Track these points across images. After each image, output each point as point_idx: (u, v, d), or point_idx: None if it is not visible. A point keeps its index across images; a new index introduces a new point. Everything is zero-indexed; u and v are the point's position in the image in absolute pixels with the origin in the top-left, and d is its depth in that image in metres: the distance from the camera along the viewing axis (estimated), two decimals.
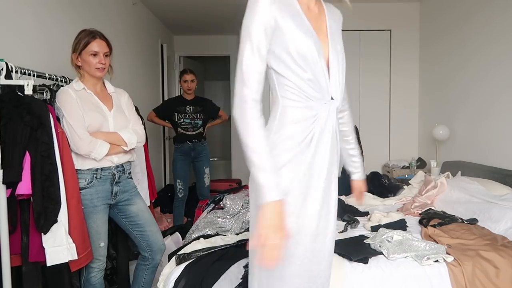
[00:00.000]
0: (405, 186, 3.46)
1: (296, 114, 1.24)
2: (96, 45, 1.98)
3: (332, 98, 1.26)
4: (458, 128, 3.73)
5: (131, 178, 2.20)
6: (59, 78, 2.13)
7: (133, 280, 2.25)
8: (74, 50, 2.00)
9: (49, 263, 1.73)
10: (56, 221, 1.74)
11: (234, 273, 1.91)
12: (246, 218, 2.59)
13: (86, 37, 1.98)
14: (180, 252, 2.08)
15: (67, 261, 1.78)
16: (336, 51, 1.29)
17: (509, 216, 2.35)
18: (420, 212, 2.77)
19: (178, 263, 2.00)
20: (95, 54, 1.98)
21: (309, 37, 1.22)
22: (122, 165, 2.09)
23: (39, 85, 2.00)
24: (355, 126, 1.64)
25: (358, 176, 1.55)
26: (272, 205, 1.11)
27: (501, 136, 3.12)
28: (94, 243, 1.99)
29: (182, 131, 3.83)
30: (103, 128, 2.01)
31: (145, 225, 2.16)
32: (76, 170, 1.94)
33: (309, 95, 1.23)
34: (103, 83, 2.13)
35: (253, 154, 1.13)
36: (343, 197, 3.02)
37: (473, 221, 2.44)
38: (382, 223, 2.41)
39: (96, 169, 1.99)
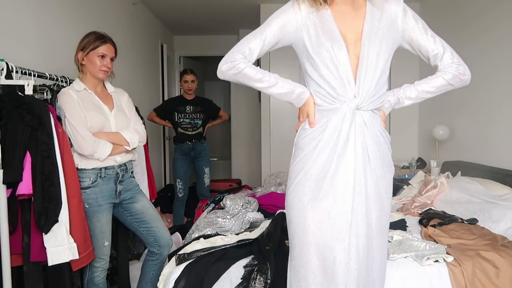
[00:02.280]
0: (405, 186, 3.45)
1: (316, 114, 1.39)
2: (106, 49, 2.02)
3: (355, 97, 1.32)
4: (458, 128, 3.73)
5: (133, 177, 2.23)
6: (59, 78, 2.13)
7: (141, 276, 2.27)
8: (82, 49, 2.02)
9: (50, 263, 1.73)
10: (57, 221, 1.74)
11: (234, 273, 1.91)
12: (246, 218, 2.59)
13: (96, 40, 2.01)
14: (180, 252, 2.08)
15: (68, 260, 1.78)
16: (368, 50, 1.32)
17: (509, 216, 2.35)
18: (420, 212, 2.77)
19: (178, 263, 2.00)
20: (103, 56, 2.02)
21: (327, 40, 1.31)
22: (125, 164, 2.12)
23: (40, 85, 2.00)
24: None
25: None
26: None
27: (501, 136, 3.12)
28: (98, 242, 2.00)
29: (182, 130, 3.84)
30: (104, 128, 2.03)
31: (150, 221, 2.18)
32: (81, 169, 1.96)
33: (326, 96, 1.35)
34: (103, 83, 2.15)
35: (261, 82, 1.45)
36: None
37: (473, 221, 2.44)
38: None
39: (100, 168, 2.01)
